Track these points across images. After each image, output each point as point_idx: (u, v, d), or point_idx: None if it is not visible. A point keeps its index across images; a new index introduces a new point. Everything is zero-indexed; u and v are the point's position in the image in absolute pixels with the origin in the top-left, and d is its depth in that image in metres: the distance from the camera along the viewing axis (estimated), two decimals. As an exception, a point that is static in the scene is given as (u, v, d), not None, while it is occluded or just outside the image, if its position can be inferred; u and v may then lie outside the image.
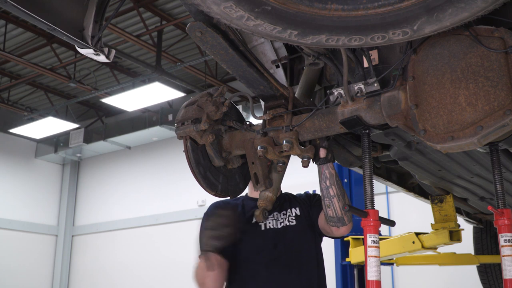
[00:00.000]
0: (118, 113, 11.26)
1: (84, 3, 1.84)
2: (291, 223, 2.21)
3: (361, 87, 1.70)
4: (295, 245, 2.17)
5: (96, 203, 11.74)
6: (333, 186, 1.95)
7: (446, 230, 3.20)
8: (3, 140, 11.11)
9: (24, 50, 8.63)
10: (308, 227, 2.22)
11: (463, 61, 1.48)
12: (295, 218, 2.22)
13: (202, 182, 1.93)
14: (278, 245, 2.16)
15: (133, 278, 10.37)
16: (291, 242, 2.17)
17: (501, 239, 1.66)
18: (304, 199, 2.32)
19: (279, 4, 1.32)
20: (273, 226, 2.21)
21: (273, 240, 2.17)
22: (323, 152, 1.94)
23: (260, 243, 2.18)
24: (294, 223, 2.21)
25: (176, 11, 7.84)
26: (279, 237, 2.18)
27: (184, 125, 1.91)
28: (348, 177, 5.44)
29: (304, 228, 2.21)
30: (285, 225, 2.20)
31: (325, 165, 1.95)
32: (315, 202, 2.26)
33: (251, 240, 2.19)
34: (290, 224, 2.21)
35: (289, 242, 2.17)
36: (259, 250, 2.17)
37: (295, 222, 2.21)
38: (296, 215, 2.24)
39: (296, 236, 2.18)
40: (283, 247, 2.16)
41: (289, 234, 2.18)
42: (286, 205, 2.27)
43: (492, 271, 4.20)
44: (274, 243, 2.17)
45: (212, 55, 1.65)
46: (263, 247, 2.17)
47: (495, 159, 1.81)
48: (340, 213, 1.98)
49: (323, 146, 1.93)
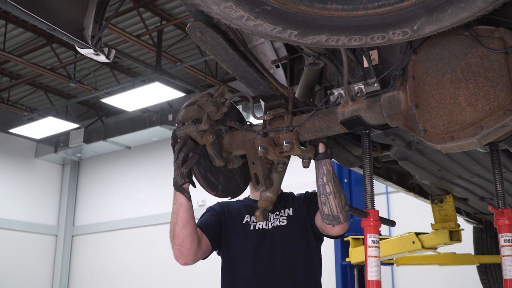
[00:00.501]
0: (118, 113, 11.26)
1: (84, 3, 1.84)
2: (281, 223, 2.20)
3: (361, 87, 1.70)
4: (283, 246, 2.16)
5: (96, 203, 11.73)
6: (330, 183, 1.91)
7: (446, 230, 3.20)
8: (3, 140, 11.11)
9: (24, 50, 8.63)
10: (299, 228, 2.20)
11: (463, 61, 1.49)
12: (287, 218, 2.22)
13: (202, 182, 1.93)
14: (266, 245, 2.16)
15: (133, 278, 10.37)
16: (279, 243, 2.16)
17: (501, 239, 1.66)
18: (302, 198, 2.31)
19: (279, 4, 1.32)
20: (262, 227, 2.21)
21: (261, 241, 2.17)
22: (322, 147, 1.91)
23: (248, 243, 2.18)
24: (284, 223, 2.20)
25: (176, 11, 7.84)
26: (267, 237, 2.17)
27: (184, 126, 1.91)
28: (348, 177, 5.44)
29: (294, 229, 2.19)
30: (275, 226, 2.20)
31: (323, 161, 1.91)
32: (312, 200, 2.24)
33: (240, 240, 2.20)
34: (280, 225, 2.20)
35: (277, 243, 2.16)
36: (247, 250, 2.17)
37: (286, 222, 2.21)
38: (288, 215, 2.23)
39: (284, 237, 2.17)
40: (270, 247, 2.15)
41: (278, 234, 2.18)
42: (281, 205, 2.26)
43: (492, 271, 4.20)
44: (262, 243, 2.17)
45: (212, 55, 1.65)
46: (251, 247, 2.17)
47: (495, 159, 1.81)
48: (336, 211, 1.93)
49: (322, 141, 1.91)
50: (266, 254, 2.14)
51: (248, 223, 2.23)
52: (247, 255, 2.16)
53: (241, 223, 2.24)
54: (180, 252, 2.01)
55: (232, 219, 2.26)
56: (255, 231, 2.20)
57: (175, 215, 1.98)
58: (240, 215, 2.27)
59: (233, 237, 2.21)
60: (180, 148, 1.89)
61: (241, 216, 2.27)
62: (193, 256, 2.04)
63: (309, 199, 2.28)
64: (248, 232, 2.20)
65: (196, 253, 2.05)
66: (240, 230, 2.22)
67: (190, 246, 2.01)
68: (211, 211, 2.30)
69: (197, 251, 2.05)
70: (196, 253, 2.05)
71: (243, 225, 2.23)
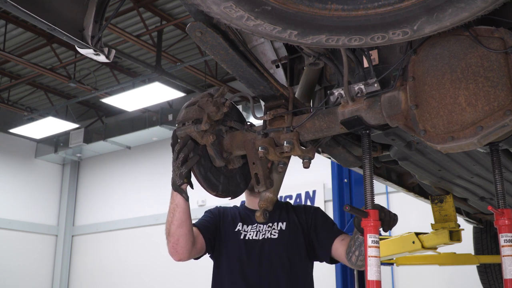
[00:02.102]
0: (118, 113, 11.26)
1: (84, 3, 1.84)
2: (272, 236, 2.20)
3: (361, 87, 1.70)
4: (270, 259, 2.15)
5: (96, 203, 11.73)
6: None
7: (446, 230, 3.20)
8: (3, 140, 11.11)
9: (24, 50, 8.63)
10: (290, 244, 2.19)
11: (463, 61, 1.48)
12: (278, 232, 2.21)
13: (203, 183, 1.93)
14: (253, 256, 2.16)
15: (133, 278, 10.37)
16: (267, 256, 2.16)
17: (501, 239, 1.66)
18: (301, 218, 2.27)
19: (279, 4, 1.32)
20: (252, 238, 2.21)
21: (249, 251, 2.17)
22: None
23: (236, 253, 2.19)
24: (275, 237, 2.20)
25: (176, 11, 7.83)
26: (255, 248, 2.18)
27: (185, 126, 1.91)
28: (348, 177, 5.44)
29: (284, 244, 2.18)
30: (265, 238, 2.20)
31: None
32: (322, 223, 2.23)
33: (230, 248, 2.21)
34: (271, 237, 2.20)
35: (264, 255, 2.16)
36: (235, 259, 2.18)
37: (277, 236, 2.20)
38: (281, 229, 2.22)
39: (273, 250, 2.17)
40: (258, 259, 2.16)
41: (267, 247, 2.18)
42: (275, 217, 2.25)
43: (492, 271, 4.20)
44: (250, 254, 2.17)
45: (212, 55, 1.65)
46: (240, 257, 2.18)
47: (496, 159, 1.80)
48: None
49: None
50: (253, 266, 2.15)
51: (240, 232, 2.24)
52: (234, 264, 2.17)
53: (233, 231, 2.25)
54: (175, 250, 2.03)
55: (225, 225, 2.27)
56: (245, 241, 2.21)
57: (171, 215, 1.99)
58: (234, 222, 2.28)
59: (223, 244, 2.22)
60: (180, 149, 1.89)
61: (234, 223, 2.28)
62: (187, 254, 2.06)
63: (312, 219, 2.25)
64: (238, 241, 2.21)
65: (190, 251, 2.07)
66: (231, 238, 2.23)
67: (184, 244, 2.02)
68: (210, 214, 2.31)
69: (191, 250, 2.07)
70: (190, 252, 2.07)
71: (234, 233, 2.24)
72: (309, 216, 2.27)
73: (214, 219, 2.27)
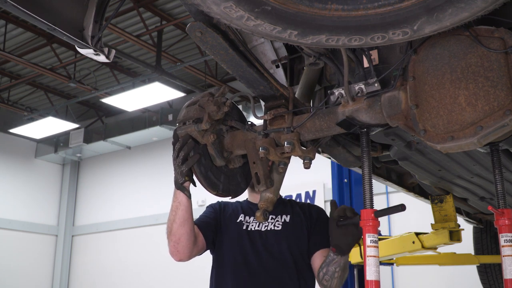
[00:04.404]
0: (118, 113, 11.26)
1: (84, 3, 1.84)
2: (276, 227, 2.21)
3: (361, 87, 1.70)
4: (273, 250, 2.15)
5: (96, 203, 11.74)
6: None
7: (446, 230, 3.20)
8: (3, 140, 11.11)
9: (24, 50, 8.63)
10: (293, 236, 2.19)
11: (463, 61, 1.49)
12: (282, 224, 2.22)
13: (203, 182, 1.93)
14: (256, 247, 2.16)
15: (133, 278, 10.38)
16: (270, 246, 2.16)
17: (501, 239, 1.66)
18: (306, 213, 2.28)
19: (279, 4, 1.32)
20: (255, 228, 2.21)
21: (252, 242, 2.17)
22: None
23: (239, 243, 2.19)
24: (279, 228, 2.20)
25: (176, 11, 7.84)
26: (258, 239, 2.18)
27: (185, 125, 1.91)
28: (348, 177, 5.43)
29: (288, 235, 2.18)
30: (269, 229, 2.20)
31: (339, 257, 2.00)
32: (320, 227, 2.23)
33: (232, 239, 2.21)
34: (274, 229, 2.20)
35: (268, 246, 2.16)
36: (238, 250, 2.18)
37: (281, 227, 2.21)
38: (285, 221, 2.22)
39: (276, 241, 2.17)
40: (261, 249, 2.15)
41: (271, 238, 2.18)
42: (278, 210, 2.25)
43: (492, 271, 4.20)
44: (253, 244, 2.17)
45: (212, 55, 1.65)
46: (242, 247, 2.17)
47: (496, 159, 1.80)
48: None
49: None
50: (256, 255, 2.15)
51: (242, 223, 2.24)
52: (237, 255, 2.16)
53: (235, 222, 2.25)
54: (176, 249, 2.03)
55: (226, 218, 2.27)
56: (248, 231, 2.21)
57: (174, 213, 1.99)
58: (235, 213, 2.28)
59: (225, 236, 2.22)
60: (180, 147, 1.89)
61: (236, 215, 2.28)
62: (189, 253, 2.06)
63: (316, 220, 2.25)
64: (241, 231, 2.21)
65: (191, 250, 2.06)
66: (233, 229, 2.23)
67: (186, 243, 2.02)
68: (211, 209, 2.31)
69: (192, 249, 2.07)
70: (191, 251, 2.06)
71: (236, 224, 2.24)
72: (313, 213, 2.28)
73: (214, 213, 2.27)
